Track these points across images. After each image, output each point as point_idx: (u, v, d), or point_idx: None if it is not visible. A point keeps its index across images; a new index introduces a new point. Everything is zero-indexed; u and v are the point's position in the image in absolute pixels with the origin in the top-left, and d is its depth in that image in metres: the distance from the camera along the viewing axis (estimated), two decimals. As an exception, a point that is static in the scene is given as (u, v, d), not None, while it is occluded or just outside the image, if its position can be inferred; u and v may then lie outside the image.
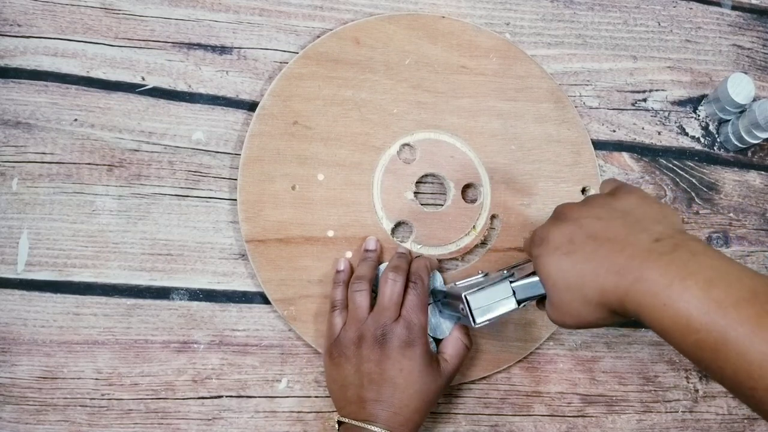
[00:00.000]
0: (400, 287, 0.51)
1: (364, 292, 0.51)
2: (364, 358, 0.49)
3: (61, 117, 0.55)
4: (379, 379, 0.48)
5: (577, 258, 0.41)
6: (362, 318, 0.50)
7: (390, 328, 0.49)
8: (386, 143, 0.57)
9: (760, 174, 0.65)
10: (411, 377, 0.48)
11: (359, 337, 0.50)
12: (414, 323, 0.50)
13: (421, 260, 0.54)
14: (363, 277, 0.52)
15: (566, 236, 0.42)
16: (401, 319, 0.50)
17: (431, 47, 0.59)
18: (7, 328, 0.52)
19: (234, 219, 0.56)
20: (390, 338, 0.49)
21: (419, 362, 0.49)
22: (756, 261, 0.63)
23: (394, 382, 0.48)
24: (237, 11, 0.59)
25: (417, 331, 0.50)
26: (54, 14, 0.56)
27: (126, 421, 0.53)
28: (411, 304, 0.51)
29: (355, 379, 0.49)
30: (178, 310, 0.54)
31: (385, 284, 0.51)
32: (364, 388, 0.48)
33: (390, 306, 0.50)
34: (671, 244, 0.38)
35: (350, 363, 0.50)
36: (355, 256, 0.55)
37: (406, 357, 0.49)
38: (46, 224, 0.54)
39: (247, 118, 0.57)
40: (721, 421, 0.60)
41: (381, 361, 0.49)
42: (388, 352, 0.49)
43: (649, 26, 0.66)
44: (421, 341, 0.50)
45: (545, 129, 0.60)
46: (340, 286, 0.54)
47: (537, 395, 0.58)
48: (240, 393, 0.54)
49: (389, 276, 0.51)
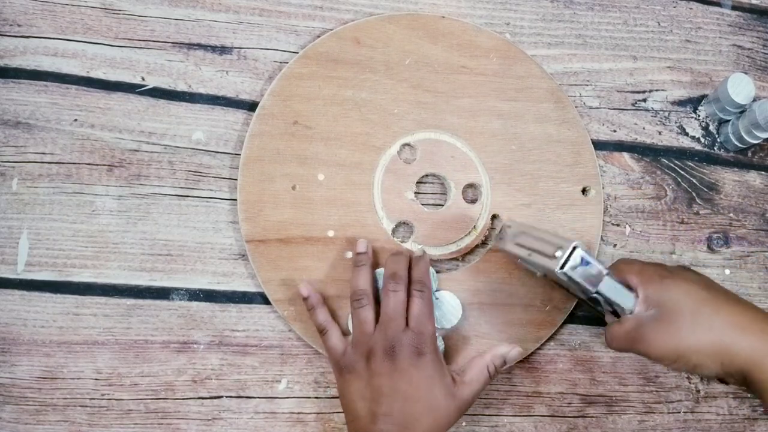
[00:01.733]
0: (403, 296, 0.50)
1: (367, 307, 0.51)
2: (375, 372, 0.48)
3: (61, 117, 0.55)
4: (390, 391, 0.47)
5: (717, 296, 0.46)
6: (369, 332, 0.50)
7: (398, 339, 0.48)
8: (387, 143, 0.57)
9: (760, 174, 0.65)
10: (421, 388, 0.48)
11: (368, 351, 0.49)
12: (423, 332, 0.49)
13: (421, 264, 0.53)
14: (363, 292, 0.51)
15: (704, 279, 0.48)
16: (410, 330, 0.49)
17: (431, 47, 0.59)
18: (7, 328, 0.52)
19: (234, 219, 0.56)
20: (399, 350, 0.48)
21: (430, 371, 0.48)
22: (756, 261, 0.63)
23: (405, 394, 0.47)
24: (237, 11, 0.59)
25: (426, 340, 0.49)
26: (54, 14, 0.56)
27: (126, 421, 0.52)
28: (418, 313, 0.50)
29: (366, 393, 0.48)
30: (177, 310, 0.54)
31: (387, 296, 0.50)
32: (376, 402, 0.47)
33: (395, 317, 0.49)
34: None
35: (361, 378, 0.49)
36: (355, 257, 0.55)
37: (415, 367, 0.48)
38: (46, 224, 0.54)
39: (247, 118, 0.57)
40: (722, 422, 0.60)
41: (391, 374, 0.48)
42: (399, 365, 0.48)
43: (649, 26, 0.66)
44: (430, 349, 0.49)
45: (545, 129, 0.60)
46: (317, 309, 0.52)
47: (537, 395, 0.58)
48: (240, 393, 0.54)
49: (389, 287, 0.51)
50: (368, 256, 0.54)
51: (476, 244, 0.58)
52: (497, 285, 0.57)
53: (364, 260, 0.53)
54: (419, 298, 0.50)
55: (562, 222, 0.59)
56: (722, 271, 0.63)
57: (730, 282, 0.62)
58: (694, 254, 0.62)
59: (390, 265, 0.52)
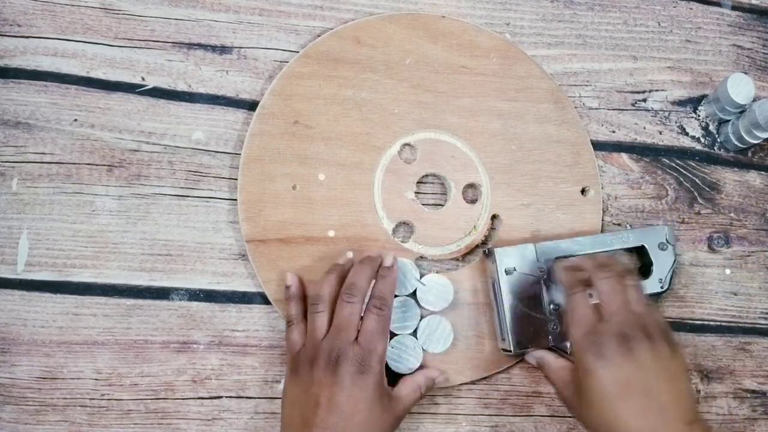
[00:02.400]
0: (358, 308, 0.49)
1: (323, 314, 0.49)
2: (315, 380, 0.47)
3: (61, 117, 0.55)
4: (327, 404, 0.46)
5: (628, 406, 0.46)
6: (319, 339, 0.49)
7: (344, 351, 0.47)
8: (387, 143, 0.57)
9: (760, 174, 0.65)
10: (359, 406, 0.46)
11: (313, 357, 0.48)
12: (371, 350, 0.48)
13: (388, 279, 0.51)
14: (321, 297, 0.50)
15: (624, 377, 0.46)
16: (357, 344, 0.48)
17: (431, 47, 0.59)
18: (7, 328, 0.52)
19: (234, 219, 0.56)
20: (342, 362, 0.47)
21: (370, 393, 0.47)
22: (756, 261, 0.63)
23: (341, 409, 0.46)
24: (237, 11, 0.59)
25: (373, 358, 0.48)
26: (54, 14, 0.56)
27: (126, 421, 0.52)
28: (370, 330, 0.48)
29: (303, 399, 0.47)
30: (177, 310, 0.54)
31: (341, 306, 0.49)
32: (311, 411, 0.46)
33: (346, 327, 0.48)
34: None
35: (303, 382, 0.48)
36: (356, 257, 0.55)
37: (356, 385, 0.47)
38: (45, 224, 0.54)
39: (247, 117, 0.57)
40: (722, 422, 0.60)
41: (331, 386, 0.46)
42: (340, 379, 0.46)
43: (649, 26, 0.66)
44: (375, 370, 0.47)
45: (545, 129, 0.60)
46: (292, 301, 0.52)
47: (537, 395, 0.58)
48: (239, 393, 0.54)
49: (344, 297, 0.49)
50: (342, 268, 0.52)
51: (476, 244, 0.58)
52: (497, 285, 0.57)
53: (336, 269, 0.52)
54: (375, 315, 0.49)
55: (562, 222, 0.59)
56: (723, 271, 0.63)
57: (730, 282, 0.63)
58: (694, 254, 0.62)
59: (352, 274, 0.51)
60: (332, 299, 0.50)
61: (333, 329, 0.49)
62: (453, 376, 0.55)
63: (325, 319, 0.49)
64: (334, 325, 0.49)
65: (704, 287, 0.62)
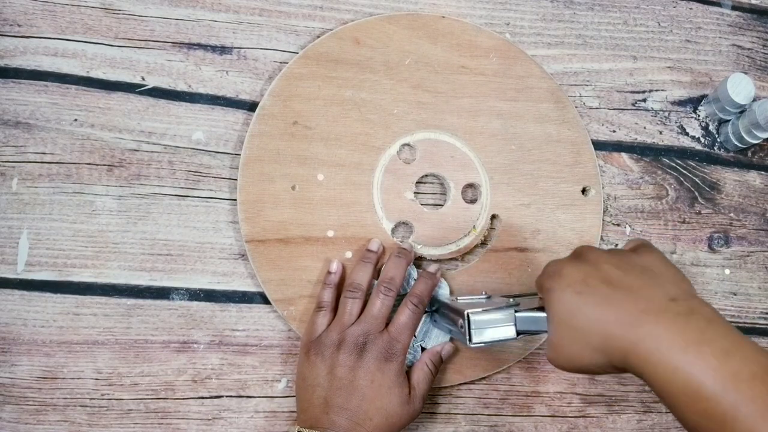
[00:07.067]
0: (391, 302, 0.51)
1: (357, 301, 0.52)
2: (340, 362, 0.49)
3: (61, 117, 0.55)
4: (349, 386, 0.48)
5: (588, 300, 0.40)
6: (349, 323, 0.51)
7: (372, 338, 0.50)
8: (386, 143, 0.57)
9: (760, 174, 0.65)
10: (380, 391, 0.49)
11: (340, 340, 0.50)
12: (399, 340, 0.50)
13: (429, 282, 0.54)
14: (359, 286, 0.52)
15: (581, 275, 0.41)
16: (386, 333, 0.50)
17: (431, 47, 0.59)
18: (7, 328, 0.52)
19: (234, 219, 0.56)
20: (370, 348, 0.49)
21: (392, 379, 0.49)
22: (756, 261, 0.63)
23: (363, 392, 0.48)
24: (237, 11, 0.59)
25: (398, 349, 0.50)
26: (54, 14, 0.56)
27: (126, 421, 0.53)
28: (402, 323, 0.51)
29: (326, 381, 0.49)
30: (177, 310, 0.54)
31: (377, 296, 0.51)
32: (333, 393, 0.48)
33: (378, 317, 0.51)
34: (687, 307, 0.38)
35: (325, 364, 0.49)
36: (355, 257, 0.55)
37: (380, 370, 0.49)
38: (45, 224, 0.54)
39: (247, 118, 0.57)
40: (722, 422, 0.60)
41: (355, 368, 0.49)
42: (365, 362, 0.49)
43: (649, 26, 0.66)
44: (399, 359, 0.50)
45: (545, 129, 0.60)
46: (330, 288, 0.53)
47: (537, 395, 0.58)
48: (240, 393, 0.54)
49: (382, 289, 0.51)
50: (377, 256, 0.55)
51: (476, 244, 0.58)
52: (497, 285, 0.57)
53: (372, 258, 0.54)
54: (410, 311, 0.51)
55: (562, 222, 0.59)
56: (722, 271, 0.63)
57: (730, 282, 0.63)
58: (695, 254, 0.62)
59: (391, 267, 0.53)
60: (366, 288, 0.53)
61: (364, 316, 0.51)
62: (452, 376, 0.56)
63: (359, 306, 0.52)
64: (367, 313, 0.51)
65: (704, 287, 0.62)
